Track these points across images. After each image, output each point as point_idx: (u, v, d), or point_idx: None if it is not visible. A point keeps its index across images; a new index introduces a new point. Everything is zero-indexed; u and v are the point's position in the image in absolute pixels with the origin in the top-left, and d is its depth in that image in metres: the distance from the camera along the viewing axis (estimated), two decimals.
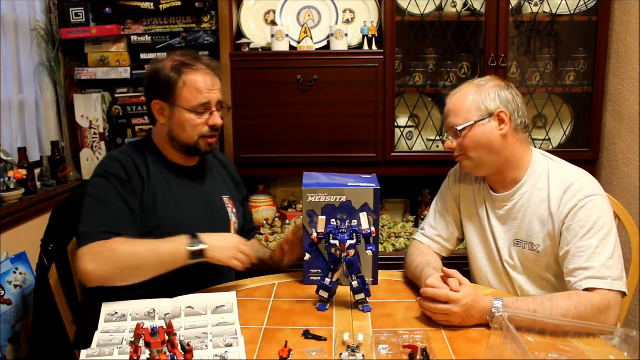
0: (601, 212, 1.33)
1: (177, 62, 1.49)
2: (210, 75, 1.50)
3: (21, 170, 2.04)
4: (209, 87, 1.49)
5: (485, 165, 1.45)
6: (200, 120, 1.48)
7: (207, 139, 1.52)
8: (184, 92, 1.46)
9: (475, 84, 1.46)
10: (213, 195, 1.62)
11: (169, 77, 1.47)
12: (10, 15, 2.20)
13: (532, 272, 1.44)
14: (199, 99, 1.47)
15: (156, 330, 1.01)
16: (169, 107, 1.49)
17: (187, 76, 1.47)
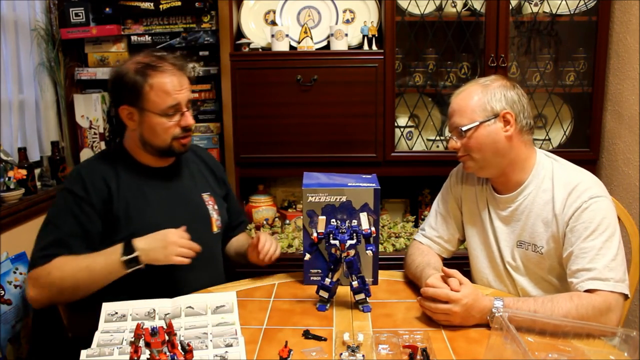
0: (605, 213, 1.32)
1: (141, 65, 1.44)
2: (177, 75, 1.45)
3: (21, 170, 2.04)
4: (177, 88, 1.44)
5: (489, 167, 1.44)
6: (171, 122, 1.45)
7: (181, 140, 1.49)
8: (152, 95, 1.42)
9: (481, 83, 1.44)
10: (192, 194, 1.59)
11: (134, 80, 1.42)
12: (10, 15, 2.20)
13: (535, 274, 1.44)
14: (167, 102, 1.43)
15: (156, 330, 1.01)
16: (137, 111, 1.45)
17: (153, 79, 1.42)
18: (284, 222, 2.55)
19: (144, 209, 1.47)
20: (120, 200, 1.45)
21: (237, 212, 1.80)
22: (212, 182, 1.68)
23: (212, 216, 1.60)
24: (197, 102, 2.50)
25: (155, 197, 1.50)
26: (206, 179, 1.67)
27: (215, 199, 1.64)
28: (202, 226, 1.57)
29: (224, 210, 1.67)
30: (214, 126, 2.54)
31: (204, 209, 1.59)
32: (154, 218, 1.47)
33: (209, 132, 2.54)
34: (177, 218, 1.49)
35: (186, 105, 1.47)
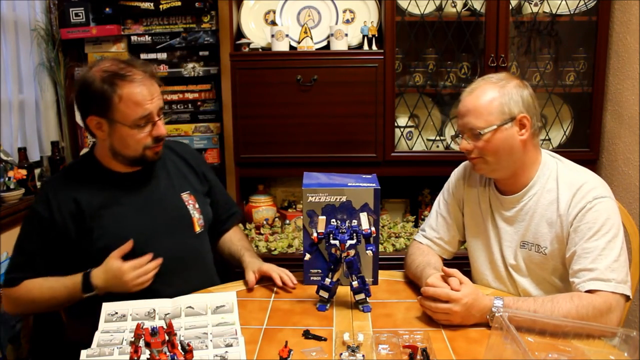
0: (609, 214, 1.32)
1: (108, 73, 1.36)
2: (146, 84, 1.38)
3: (21, 170, 2.04)
4: (148, 98, 1.38)
5: (501, 169, 1.42)
6: (142, 133, 1.40)
7: (154, 149, 1.44)
8: (121, 106, 1.36)
9: (494, 81, 1.38)
10: (169, 196, 1.53)
11: (101, 90, 1.35)
12: (10, 15, 2.20)
13: (537, 275, 1.43)
14: (138, 113, 1.37)
15: (156, 330, 1.01)
16: (106, 122, 1.39)
17: (122, 89, 1.35)
18: (284, 222, 2.55)
19: (120, 219, 1.43)
20: (93, 213, 1.41)
21: (225, 203, 1.75)
22: (192, 179, 1.62)
23: (194, 216, 1.55)
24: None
25: (131, 205, 1.46)
26: (185, 176, 1.61)
27: (196, 197, 1.58)
28: (184, 228, 1.53)
29: (206, 207, 1.62)
30: (214, 126, 2.54)
31: (183, 210, 1.54)
32: (131, 227, 1.43)
33: (209, 132, 2.54)
34: (155, 224, 1.47)
35: (158, 115, 1.42)
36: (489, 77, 1.41)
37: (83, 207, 1.41)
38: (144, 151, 1.42)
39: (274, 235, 2.41)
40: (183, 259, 1.50)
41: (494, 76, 1.41)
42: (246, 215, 2.55)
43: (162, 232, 1.47)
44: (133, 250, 1.41)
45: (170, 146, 1.62)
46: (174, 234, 1.49)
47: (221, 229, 1.73)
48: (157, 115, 1.41)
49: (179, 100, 2.52)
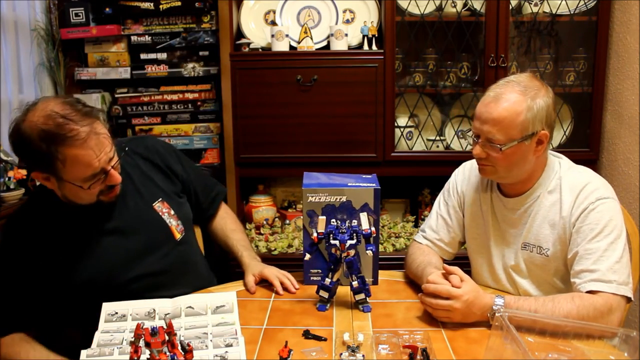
0: (612, 215, 1.31)
1: (46, 133, 1.20)
2: (92, 140, 1.24)
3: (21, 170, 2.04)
4: (95, 157, 1.25)
5: (509, 178, 1.41)
6: (94, 185, 1.29)
7: (109, 195, 1.35)
8: (67, 168, 1.23)
9: (522, 90, 1.31)
10: (142, 213, 1.45)
11: (41, 150, 1.21)
12: (10, 15, 2.20)
13: (538, 277, 1.42)
14: (87, 173, 1.25)
15: (156, 330, 1.00)
16: (54, 178, 1.27)
17: (65, 152, 1.21)
18: (284, 222, 2.55)
19: (96, 250, 1.37)
20: (66, 248, 1.34)
21: (204, 189, 1.67)
22: (160, 182, 1.53)
23: (171, 224, 1.49)
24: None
25: (104, 233, 1.39)
26: (153, 182, 1.51)
27: (170, 202, 1.51)
28: (163, 240, 1.47)
29: (183, 208, 1.55)
30: (214, 126, 2.54)
31: (160, 222, 1.47)
32: (108, 255, 1.38)
33: (209, 132, 2.54)
34: (134, 246, 1.42)
35: (109, 164, 1.29)
36: (515, 81, 1.34)
37: (55, 245, 1.33)
38: (98, 198, 1.33)
39: (274, 235, 2.41)
40: (169, 271, 1.47)
41: (521, 81, 1.34)
42: (246, 215, 2.55)
43: (143, 251, 1.43)
44: (116, 277, 1.38)
45: (131, 149, 1.49)
46: (155, 249, 1.45)
47: (207, 214, 1.70)
48: (109, 165, 1.29)
49: (179, 100, 2.52)
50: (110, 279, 1.38)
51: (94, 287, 1.36)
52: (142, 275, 1.41)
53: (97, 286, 1.37)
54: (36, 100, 1.28)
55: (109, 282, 1.38)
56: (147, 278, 1.42)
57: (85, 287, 1.36)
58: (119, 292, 1.37)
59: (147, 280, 1.42)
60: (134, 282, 1.40)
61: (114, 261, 1.38)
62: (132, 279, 1.40)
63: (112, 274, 1.38)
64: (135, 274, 1.41)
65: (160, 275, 1.45)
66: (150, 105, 2.51)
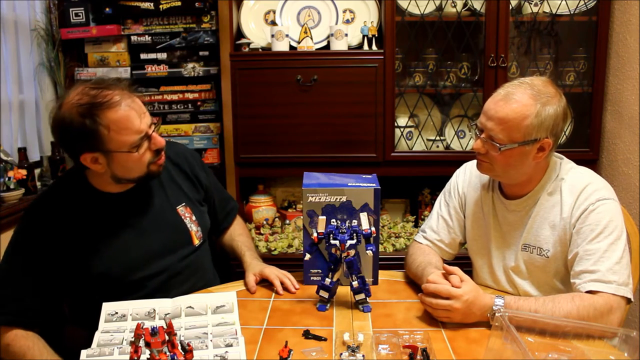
0: (612, 216, 1.31)
1: (84, 106, 1.24)
2: (128, 100, 1.28)
3: (21, 170, 2.04)
4: (136, 117, 1.28)
5: (505, 178, 1.42)
6: (142, 152, 1.32)
7: (157, 162, 1.37)
8: (113, 136, 1.26)
9: (535, 94, 1.29)
10: (166, 213, 1.48)
11: (85, 126, 1.24)
12: (10, 15, 2.20)
13: (538, 278, 1.42)
14: (132, 137, 1.28)
15: (156, 330, 1.01)
16: (102, 154, 1.29)
17: (106, 118, 1.24)
18: (284, 222, 2.55)
19: (116, 244, 1.38)
20: (88, 239, 1.35)
21: (221, 202, 1.71)
22: (186, 187, 1.56)
23: (191, 229, 1.51)
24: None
25: (126, 227, 1.40)
26: (179, 186, 1.54)
27: (192, 209, 1.54)
28: (182, 242, 1.49)
29: (204, 217, 1.58)
30: (214, 126, 2.54)
31: (181, 226, 1.50)
32: (127, 251, 1.39)
33: (209, 132, 2.54)
34: (154, 245, 1.43)
35: (151, 127, 1.33)
36: (529, 84, 1.32)
37: (77, 234, 1.34)
38: (148, 168, 1.36)
39: (274, 235, 2.41)
40: (182, 273, 1.49)
41: (535, 85, 1.32)
42: (246, 215, 2.54)
43: (161, 251, 1.44)
44: (132, 273, 1.40)
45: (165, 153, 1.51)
46: (173, 251, 1.47)
47: (221, 227, 1.74)
48: (151, 130, 1.33)
49: (179, 100, 2.52)
50: (127, 274, 1.39)
51: (109, 280, 1.38)
52: (157, 273, 1.43)
53: (112, 280, 1.38)
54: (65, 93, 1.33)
55: (125, 277, 1.39)
56: (161, 277, 1.44)
57: (100, 279, 1.37)
58: (132, 288, 1.39)
59: (161, 279, 1.44)
60: (149, 279, 1.42)
61: (133, 257, 1.40)
62: (147, 276, 1.42)
63: (130, 270, 1.40)
64: (150, 272, 1.42)
65: (173, 276, 1.46)
66: (150, 105, 2.51)
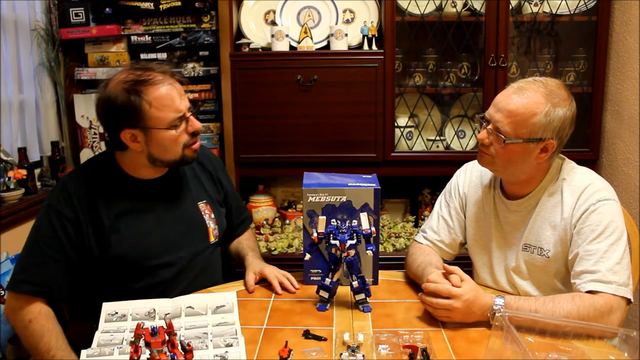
0: (612, 217, 1.31)
1: (130, 83, 1.33)
2: (171, 83, 1.37)
3: (21, 170, 2.04)
4: (177, 96, 1.36)
5: (506, 174, 1.42)
6: (179, 132, 1.38)
7: (192, 147, 1.42)
8: (153, 112, 1.33)
9: (547, 93, 1.29)
10: (188, 205, 1.52)
11: (129, 102, 1.32)
12: (10, 15, 2.20)
13: (539, 278, 1.42)
14: (171, 114, 1.35)
15: (156, 330, 1.00)
16: (141, 132, 1.36)
17: (149, 94, 1.33)
18: (284, 222, 2.55)
19: (137, 228, 1.41)
20: (111, 219, 1.38)
21: (237, 209, 1.74)
22: (209, 186, 1.61)
23: (209, 226, 1.55)
24: (198, 103, 2.50)
25: (149, 214, 1.44)
26: (203, 184, 1.59)
27: (212, 207, 1.58)
28: (199, 237, 1.52)
29: (221, 218, 1.61)
30: (214, 126, 2.54)
31: (200, 220, 1.53)
32: (147, 237, 1.42)
33: (209, 132, 2.54)
34: (173, 234, 1.46)
35: (189, 111, 1.41)
36: (543, 83, 1.33)
37: (102, 212, 1.38)
38: (183, 151, 1.41)
39: (274, 235, 2.41)
40: (194, 268, 1.51)
41: (549, 85, 1.32)
42: None
43: (179, 242, 1.47)
44: (148, 260, 1.42)
45: None
46: (190, 244, 1.49)
47: (232, 234, 1.74)
48: (189, 112, 1.40)
49: None
50: (142, 260, 1.42)
51: (124, 263, 1.40)
52: (170, 263, 1.45)
53: (126, 263, 1.40)
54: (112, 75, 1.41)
55: (140, 262, 1.42)
56: (174, 268, 1.46)
57: (115, 261, 1.39)
58: (144, 274, 1.42)
59: (173, 270, 1.46)
60: (162, 268, 1.44)
61: (151, 243, 1.43)
62: (161, 265, 1.44)
63: (145, 256, 1.42)
64: (164, 261, 1.44)
65: (184, 270, 1.48)
66: None
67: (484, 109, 1.41)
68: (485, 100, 2.29)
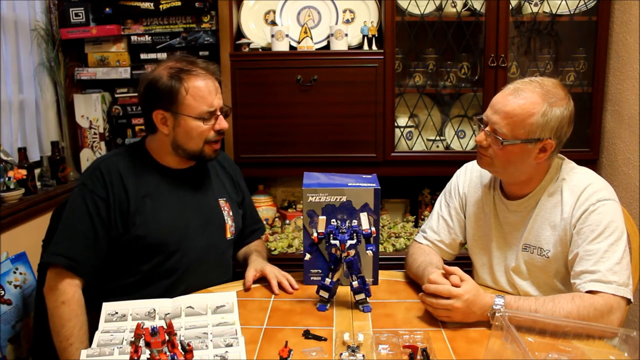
0: (612, 217, 1.31)
1: (174, 70, 1.44)
2: (211, 79, 1.46)
3: (21, 170, 2.04)
4: (213, 92, 1.46)
5: (506, 175, 1.42)
6: (206, 126, 1.46)
7: (213, 145, 1.50)
8: (188, 99, 1.43)
9: (544, 93, 1.30)
10: (209, 199, 1.58)
11: (169, 85, 1.42)
12: (10, 15, 2.20)
13: (538, 279, 1.42)
14: (204, 106, 1.44)
15: (156, 330, 1.00)
16: (172, 116, 1.45)
17: (189, 83, 1.42)
18: (284, 222, 2.55)
19: (161, 211, 1.47)
20: (137, 200, 1.45)
21: (251, 218, 1.78)
22: (229, 187, 1.67)
23: (227, 222, 1.59)
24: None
25: (172, 200, 1.50)
26: (223, 183, 1.65)
27: (231, 206, 1.63)
28: (217, 231, 1.57)
29: (238, 217, 1.66)
30: None
31: (219, 215, 1.58)
32: (168, 221, 1.47)
33: None
34: (192, 222, 1.51)
35: (220, 110, 1.48)
36: (540, 83, 1.33)
37: (129, 192, 1.44)
38: (204, 146, 1.48)
39: (274, 235, 2.41)
40: (209, 261, 1.54)
41: (546, 84, 1.33)
42: None
43: (197, 231, 1.51)
44: (166, 244, 1.46)
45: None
46: (208, 235, 1.53)
47: (243, 242, 1.75)
48: (220, 111, 1.48)
49: None
50: (162, 243, 1.46)
51: (144, 244, 1.44)
52: (188, 251, 1.49)
53: (145, 245, 1.44)
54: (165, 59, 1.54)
55: (159, 246, 1.46)
56: (190, 255, 1.50)
57: (136, 241, 1.43)
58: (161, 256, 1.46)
59: (190, 257, 1.50)
60: (179, 253, 1.48)
61: (173, 227, 1.47)
62: (178, 250, 1.48)
63: (166, 239, 1.46)
64: (182, 247, 1.48)
65: (200, 261, 1.52)
66: None
67: (484, 109, 1.41)
68: (485, 100, 2.29)
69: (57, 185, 2.31)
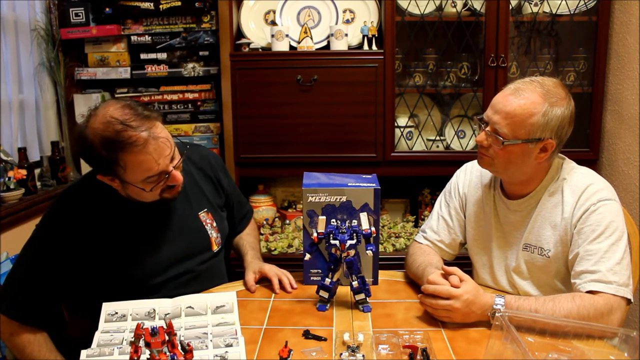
0: (613, 217, 1.31)
1: (106, 139, 1.23)
2: (150, 145, 1.24)
3: (21, 170, 2.04)
4: (156, 160, 1.26)
5: (506, 175, 1.42)
6: (155, 187, 1.31)
7: (172, 192, 1.37)
8: (128, 171, 1.27)
9: (544, 93, 1.30)
10: (188, 219, 1.49)
11: (103, 156, 1.25)
12: (10, 15, 2.20)
13: (539, 278, 1.42)
14: (147, 174, 1.28)
15: (156, 330, 1.01)
16: (117, 180, 1.30)
17: (124, 159, 1.24)
18: (284, 222, 2.55)
19: (138, 250, 1.39)
20: (109, 242, 1.36)
21: (238, 205, 1.73)
22: (209, 193, 1.57)
23: (212, 236, 1.53)
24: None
25: (150, 231, 1.42)
26: (202, 191, 1.55)
27: (214, 214, 1.56)
28: (202, 249, 1.51)
29: (223, 223, 1.60)
30: (214, 126, 2.54)
31: (202, 232, 1.51)
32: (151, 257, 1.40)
33: (209, 132, 2.54)
34: (174, 249, 1.45)
35: (170, 166, 1.30)
36: (540, 82, 1.33)
37: (100, 235, 1.36)
38: (161, 196, 1.35)
39: (274, 235, 2.41)
40: (199, 276, 1.51)
41: (546, 84, 1.32)
42: None
43: (181, 256, 1.46)
44: (152, 277, 1.41)
45: (188, 156, 1.48)
46: (192, 256, 1.49)
47: (236, 230, 1.75)
48: (170, 166, 1.31)
49: (178, 100, 2.52)
50: (146, 280, 1.40)
51: (128, 283, 1.38)
52: (175, 277, 1.45)
53: (131, 283, 1.39)
54: (97, 105, 1.30)
55: (144, 283, 1.40)
56: (180, 280, 1.46)
57: (119, 282, 1.38)
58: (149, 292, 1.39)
59: (179, 281, 1.45)
60: (167, 282, 1.44)
61: (155, 263, 1.41)
62: (166, 280, 1.43)
63: (150, 276, 1.41)
64: (169, 276, 1.44)
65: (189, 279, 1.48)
66: (150, 105, 2.51)
67: (484, 109, 1.41)
68: (485, 100, 2.29)
69: (57, 185, 2.31)
